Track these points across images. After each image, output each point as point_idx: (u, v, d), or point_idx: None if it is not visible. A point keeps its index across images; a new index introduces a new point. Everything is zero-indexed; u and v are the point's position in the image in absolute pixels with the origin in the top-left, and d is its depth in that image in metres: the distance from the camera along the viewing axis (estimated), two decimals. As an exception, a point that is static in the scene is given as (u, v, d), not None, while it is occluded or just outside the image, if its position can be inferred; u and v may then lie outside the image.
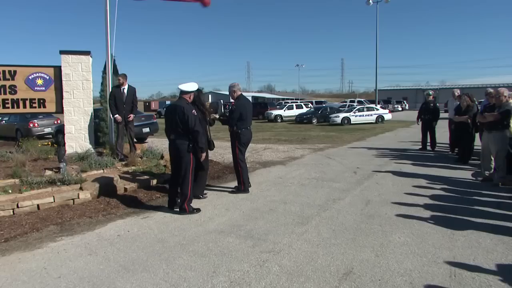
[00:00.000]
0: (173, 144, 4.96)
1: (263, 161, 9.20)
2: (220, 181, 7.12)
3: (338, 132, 17.85)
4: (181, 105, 4.86)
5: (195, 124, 4.82)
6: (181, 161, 4.91)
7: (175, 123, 4.86)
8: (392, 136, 15.65)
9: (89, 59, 8.59)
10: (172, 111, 4.92)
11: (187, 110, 4.82)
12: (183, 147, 4.88)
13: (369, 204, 5.32)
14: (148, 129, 12.92)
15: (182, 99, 5.01)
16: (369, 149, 11.12)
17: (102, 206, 5.32)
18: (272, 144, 13.18)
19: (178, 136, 4.90)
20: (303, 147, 11.92)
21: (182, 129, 4.83)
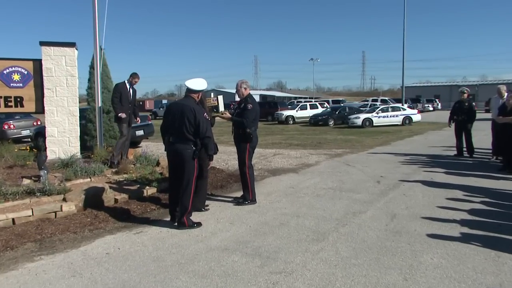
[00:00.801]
0: (173, 148, 4.95)
1: (272, 169, 9.23)
2: (224, 190, 7.16)
3: (359, 136, 17.83)
4: (190, 106, 4.84)
5: (207, 130, 4.84)
6: (183, 168, 4.91)
7: (181, 124, 4.83)
8: (422, 140, 15.59)
9: (74, 52, 8.72)
10: (179, 111, 4.88)
11: (199, 114, 4.81)
12: (187, 152, 4.87)
13: (395, 218, 5.31)
14: (142, 132, 13.06)
15: (189, 98, 5.00)
16: (395, 155, 11.09)
17: (88, 220, 5.38)
18: (282, 149, 13.21)
19: (180, 139, 4.88)
20: (318, 153, 11.93)
21: (190, 134, 4.82)
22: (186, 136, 4.84)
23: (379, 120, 23.77)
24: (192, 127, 4.80)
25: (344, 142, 15.05)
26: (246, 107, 5.97)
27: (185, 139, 4.86)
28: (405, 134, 18.32)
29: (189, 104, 4.88)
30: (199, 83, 5.06)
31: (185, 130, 4.82)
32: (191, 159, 4.88)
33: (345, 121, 24.92)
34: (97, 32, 8.59)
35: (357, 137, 17.08)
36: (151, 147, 11.95)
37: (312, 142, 15.23)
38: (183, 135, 4.85)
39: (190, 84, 5.01)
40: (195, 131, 4.81)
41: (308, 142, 15.27)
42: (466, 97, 10.42)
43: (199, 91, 5.04)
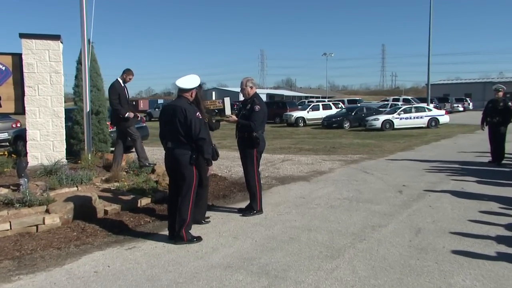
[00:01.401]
0: (171, 154, 5.02)
1: (280, 176, 9.26)
2: (227, 201, 7.20)
3: (378, 140, 17.81)
4: (182, 106, 4.91)
5: (200, 131, 4.87)
6: (181, 176, 4.97)
7: (174, 128, 4.91)
8: (450, 144, 15.52)
9: (59, 46, 8.80)
10: (171, 113, 4.97)
11: (190, 113, 4.88)
12: (184, 158, 4.93)
13: (420, 233, 5.28)
14: (141, 135, 13.17)
15: (182, 98, 5.07)
16: (419, 162, 11.06)
17: (75, 234, 5.40)
18: (292, 154, 13.24)
19: (177, 145, 4.96)
20: (332, 159, 11.94)
21: (183, 136, 4.90)
22: (181, 140, 4.90)
23: (401, 122, 23.72)
24: (184, 128, 4.86)
25: (361, 147, 15.04)
26: (254, 109, 6.01)
27: (181, 143, 4.92)
28: (431, 138, 18.25)
29: (181, 104, 4.94)
30: (191, 80, 5.11)
31: (178, 133, 4.89)
32: (188, 165, 4.92)
33: (363, 124, 24.87)
34: (85, 23, 8.68)
35: (376, 141, 17.05)
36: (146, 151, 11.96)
37: (325, 147, 15.23)
38: (178, 139, 4.92)
39: (180, 83, 5.08)
40: (188, 133, 4.86)
41: (320, 147, 15.27)
42: (501, 96, 10.32)
43: (191, 89, 5.10)
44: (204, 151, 4.92)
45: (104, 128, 10.03)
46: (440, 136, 18.97)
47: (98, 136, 9.94)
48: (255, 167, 6.15)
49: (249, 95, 6.14)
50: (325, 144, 16.46)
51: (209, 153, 5.00)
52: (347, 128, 25.53)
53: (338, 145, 15.94)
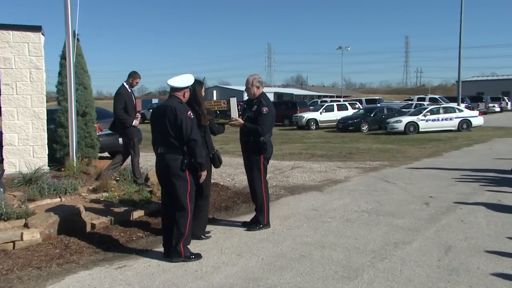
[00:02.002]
0: (162, 160, 5.07)
1: (290, 186, 9.27)
2: (230, 213, 7.22)
3: (400, 144, 17.78)
4: (172, 105, 5.01)
5: (191, 131, 4.93)
6: (173, 184, 5.01)
7: (164, 130, 4.99)
8: (484, 150, 15.45)
9: (40, 38, 8.86)
10: (161, 114, 5.05)
11: (181, 112, 4.95)
12: (175, 164, 4.98)
13: (450, 252, 5.24)
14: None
15: (173, 98, 5.17)
16: (448, 170, 11.01)
17: (57, 251, 5.41)
18: (303, 161, 13.26)
19: (168, 149, 5.02)
20: (349, 166, 11.95)
21: (174, 139, 4.96)
22: (172, 143, 4.98)
23: (427, 125, 23.66)
24: (174, 129, 4.93)
25: (382, 153, 15.03)
26: (261, 111, 6.02)
27: (172, 146, 4.99)
28: (462, 142, 18.18)
29: (171, 104, 5.06)
30: (183, 79, 5.25)
31: (169, 135, 4.97)
32: (180, 172, 4.97)
33: (383, 126, 24.83)
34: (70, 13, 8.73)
35: (399, 146, 17.02)
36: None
37: (341, 153, 15.23)
38: (169, 142, 5.00)
39: (172, 81, 5.21)
40: (179, 135, 4.92)
41: (335, 153, 15.28)
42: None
43: (183, 88, 5.22)
44: (196, 154, 4.96)
45: (92, 132, 10.04)
46: (473, 140, 18.88)
47: (85, 141, 9.95)
48: (262, 176, 6.16)
49: (255, 95, 6.16)
50: (340, 149, 16.45)
51: (201, 157, 5.04)
52: (365, 132, 25.54)
53: (355, 150, 15.93)
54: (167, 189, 5.10)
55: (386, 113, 27.27)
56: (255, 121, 6.01)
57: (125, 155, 8.42)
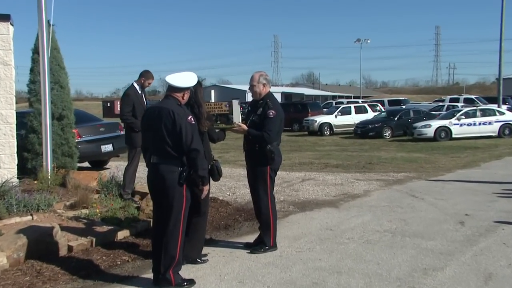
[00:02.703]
0: (156, 171, 5.01)
1: (300, 201, 9.25)
2: (230, 233, 7.19)
3: (430, 153, 17.71)
4: (169, 108, 4.93)
5: (192, 140, 4.87)
6: (167, 200, 4.95)
7: (159, 136, 4.92)
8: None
9: (8, 29, 8.85)
10: (156, 118, 4.97)
11: (180, 117, 4.88)
12: (171, 176, 4.91)
13: (491, 280, 5.19)
14: (110, 147, 13.25)
15: (170, 98, 5.09)
16: (487, 184, 10.94)
17: (27, 279, 5.36)
18: (315, 172, 13.23)
19: (164, 159, 4.96)
20: (368, 178, 11.92)
21: (171, 147, 4.91)
22: (169, 152, 4.91)
23: (461, 130, 23.57)
24: (172, 136, 4.87)
25: (408, 163, 14.96)
26: (267, 114, 5.97)
27: (168, 156, 4.93)
28: (504, 150, 18.08)
29: (168, 106, 4.96)
30: (185, 77, 5.16)
31: (165, 143, 4.90)
32: (176, 186, 4.91)
33: (409, 132, 24.75)
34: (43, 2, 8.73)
35: (427, 155, 16.95)
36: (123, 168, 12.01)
37: (359, 162, 15.19)
38: (165, 151, 4.92)
39: (172, 79, 5.11)
40: (177, 143, 4.86)
41: (352, 162, 15.23)
42: None
43: (184, 88, 5.13)
44: (197, 166, 4.90)
45: (69, 138, 10.04)
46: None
47: (61, 148, 9.95)
48: (268, 190, 6.12)
49: (261, 94, 6.12)
50: (359, 158, 16.40)
51: (203, 169, 4.99)
52: (387, 138, 25.46)
53: (376, 160, 15.88)
54: (160, 206, 5.07)
55: (413, 116, 27.16)
56: (260, 127, 5.97)
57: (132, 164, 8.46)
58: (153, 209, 5.26)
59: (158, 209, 5.12)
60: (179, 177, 4.90)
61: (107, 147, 13.12)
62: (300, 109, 34.10)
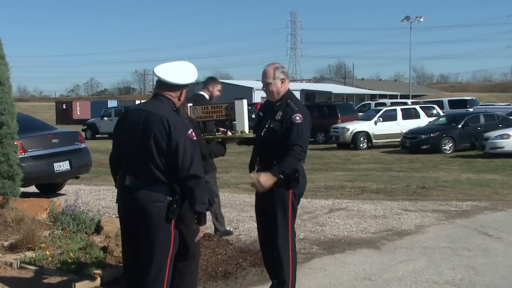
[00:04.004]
0: (133, 199, 4.94)
1: (327, 239, 9.26)
2: (231, 283, 7.20)
3: (508, 174, 17.70)
4: (163, 116, 4.85)
5: (192, 162, 4.79)
6: (148, 241, 4.90)
7: (145, 151, 4.86)
8: None
9: None
10: (141, 125, 4.92)
11: (177, 130, 4.80)
12: (156, 209, 4.83)
13: None
14: (66, 165, 13.20)
15: (162, 100, 5.03)
16: None
17: None
18: (347, 199, 13.24)
19: (143, 181, 4.90)
20: (422, 208, 11.89)
21: (160, 170, 4.84)
22: (155, 175, 4.84)
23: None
24: (164, 156, 4.80)
25: (477, 187, 14.90)
26: (293, 120, 5.92)
27: (154, 180, 4.86)
28: None
29: (160, 112, 4.88)
30: (183, 71, 5.07)
31: (151, 162, 4.81)
32: (163, 222, 4.84)
33: (478, 144, 24.64)
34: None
35: (506, 177, 16.89)
36: (85, 195, 12.01)
37: (409, 187, 15.16)
38: (150, 173, 4.85)
39: (164, 72, 5.00)
40: (170, 165, 4.80)
41: (399, 187, 15.22)
42: None
43: (182, 86, 5.05)
44: (195, 200, 4.80)
45: (10, 153, 10.00)
46: None
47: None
48: (289, 222, 6.06)
49: (279, 94, 6.11)
50: (408, 181, 16.37)
51: (203, 203, 4.86)
52: (448, 153, 25.44)
53: (433, 183, 15.83)
54: (136, 248, 5.00)
55: (484, 122, 27.15)
56: (284, 137, 5.92)
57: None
58: (124, 250, 5.23)
59: (133, 252, 5.06)
60: (168, 209, 4.82)
61: (62, 165, 13.07)
62: (326, 113, 34.26)
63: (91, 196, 13.09)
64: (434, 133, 26.61)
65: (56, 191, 14.15)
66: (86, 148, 14.33)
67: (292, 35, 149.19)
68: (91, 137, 42.56)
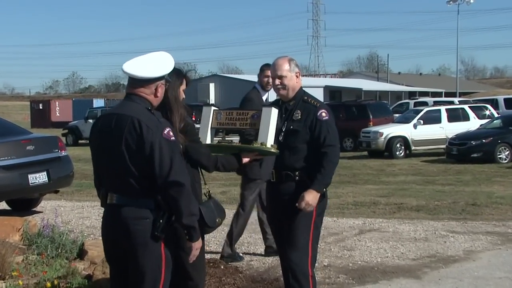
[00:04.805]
0: (115, 218, 4.97)
1: (357, 267, 9.24)
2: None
3: None
4: (133, 116, 4.88)
5: (171, 166, 4.80)
6: (135, 264, 4.92)
7: (119, 162, 4.90)
8: None
9: None
10: (112, 131, 4.97)
11: (150, 130, 4.81)
12: (140, 226, 4.84)
13: None
14: (43, 177, 13.23)
15: (134, 99, 5.07)
16: None
17: None
18: (381, 218, 13.27)
19: (127, 199, 4.93)
20: (472, 230, 11.86)
21: (137, 180, 4.86)
22: (134, 188, 4.87)
23: None
24: (137, 162, 4.82)
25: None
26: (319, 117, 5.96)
27: (135, 194, 4.88)
28: None
29: (131, 112, 4.91)
30: (154, 62, 5.10)
31: (127, 173, 4.85)
32: (149, 242, 4.85)
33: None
34: None
35: None
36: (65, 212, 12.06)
37: (456, 203, 15.14)
38: (129, 186, 4.88)
39: (132, 67, 5.03)
40: (147, 172, 4.81)
41: (444, 203, 15.20)
42: None
43: (154, 79, 5.06)
44: (181, 211, 4.80)
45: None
46: None
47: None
48: (310, 243, 6.05)
49: (294, 91, 6.15)
50: (455, 196, 16.35)
51: (191, 214, 4.86)
52: (504, 162, 25.43)
53: (485, 199, 15.77)
54: (122, 273, 5.03)
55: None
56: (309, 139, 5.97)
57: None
58: (111, 276, 5.27)
59: (119, 278, 5.09)
60: (154, 226, 4.82)
61: (38, 177, 13.09)
62: (355, 115, 34.44)
63: (73, 214, 13.13)
64: (487, 138, 26.56)
65: (31, 208, 14.21)
66: (67, 156, 14.33)
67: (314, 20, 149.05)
68: (73, 143, 42.89)
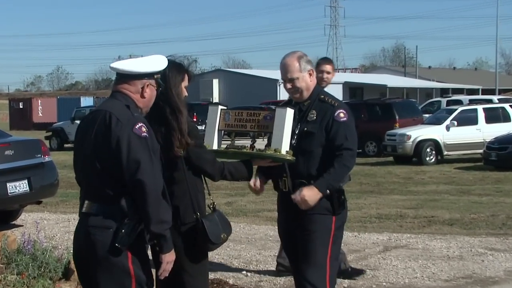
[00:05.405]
0: (80, 227, 5.01)
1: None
2: None
3: None
4: (107, 111, 4.94)
5: (139, 165, 4.78)
6: (96, 282, 4.90)
7: (88, 162, 4.94)
8: None
9: None
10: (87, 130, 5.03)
11: (119, 123, 4.83)
12: (101, 237, 4.80)
13: None
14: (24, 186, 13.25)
15: (117, 96, 5.13)
16: None
17: None
18: (408, 232, 13.23)
19: (96, 205, 4.94)
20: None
21: (102, 179, 4.87)
22: (103, 191, 4.86)
23: None
24: (103, 157, 4.84)
25: None
26: (336, 118, 5.99)
27: (101, 198, 4.90)
28: None
29: (107, 108, 4.98)
30: (146, 59, 5.20)
31: (95, 174, 4.87)
32: (109, 256, 4.79)
33: None
34: None
35: None
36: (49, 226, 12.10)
37: (495, 216, 15.11)
38: (99, 190, 4.89)
39: (120, 63, 5.16)
40: (113, 170, 4.81)
41: (481, 216, 15.17)
42: None
43: (142, 75, 5.09)
44: (148, 215, 4.74)
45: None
46: None
47: None
48: (328, 260, 6.05)
49: (308, 90, 6.18)
50: (494, 208, 16.31)
51: (160, 221, 4.80)
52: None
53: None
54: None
55: None
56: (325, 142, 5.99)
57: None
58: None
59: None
60: (116, 236, 4.76)
61: (18, 186, 13.13)
62: (379, 115, 34.47)
63: (58, 228, 13.15)
64: (530, 142, 26.53)
65: (10, 221, 14.22)
66: (51, 162, 14.34)
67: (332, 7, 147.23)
68: (57, 147, 42.90)
